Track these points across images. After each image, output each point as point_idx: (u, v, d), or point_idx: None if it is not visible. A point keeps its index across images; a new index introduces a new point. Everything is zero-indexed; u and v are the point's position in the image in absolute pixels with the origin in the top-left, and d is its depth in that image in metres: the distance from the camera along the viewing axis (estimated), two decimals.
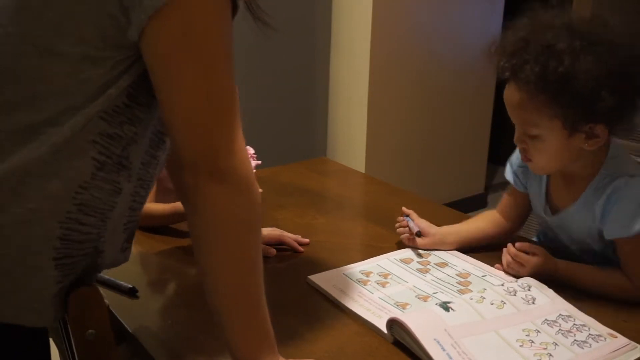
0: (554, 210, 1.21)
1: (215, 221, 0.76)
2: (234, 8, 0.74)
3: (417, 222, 1.27)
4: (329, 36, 2.98)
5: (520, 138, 1.11)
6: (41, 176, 0.73)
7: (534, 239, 1.36)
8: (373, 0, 2.77)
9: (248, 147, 1.56)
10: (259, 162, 1.50)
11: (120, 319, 0.98)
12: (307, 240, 1.29)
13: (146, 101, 0.77)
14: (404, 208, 1.31)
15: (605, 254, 1.16)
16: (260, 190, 0.81)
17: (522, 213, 1.30)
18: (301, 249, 1.26)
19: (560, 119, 1.05)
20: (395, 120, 3.01)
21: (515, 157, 1.27)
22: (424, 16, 2.97)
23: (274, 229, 1.28)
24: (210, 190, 0.74)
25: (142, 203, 0.87)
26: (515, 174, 1.27)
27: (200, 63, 0.72)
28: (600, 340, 0.94)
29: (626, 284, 1.09)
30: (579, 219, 1.15)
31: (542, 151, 1.10)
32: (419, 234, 1.25)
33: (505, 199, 1.32)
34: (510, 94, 1.09)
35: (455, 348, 0.89)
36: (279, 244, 1.25)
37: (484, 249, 1.26)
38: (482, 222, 1.31)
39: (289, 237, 1.27)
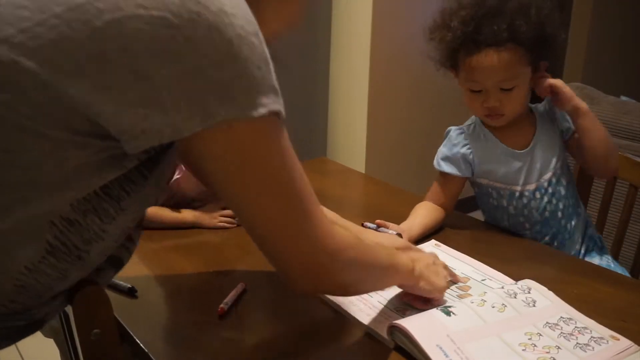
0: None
1: (344, 276, 0.82)
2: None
3: (387, 227, 1.28)
4: (329, 36, 2.97)
5: (495, 98, 1.25)
6: None
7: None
8: (373, 0, 2.77)
9: None
10: None
11: (119, 319, 0.97)
12: None
13: (116, 195, 0.70)
14: (366, 223, 1.31)
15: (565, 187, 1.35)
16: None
17: (455, 197, 1.42)
18: None
19: (531, 64, 1.24)
20: (396, 120, 3.01)
21: (449, 147, 1.40)
22: (424, 16, 2.97)
23: None
24: (321, 284, 0.80)
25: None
26: (463, 157, 1.38)
27: (262, 183, 0.71)
28: (603, 342, 0.94)
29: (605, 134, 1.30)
30: (547, 136, 1.34)
31: (515, 99, 1.26)
32: (400, 236, 1.25)
33: (436, 189, 1.42)
34: (489, 58, 1.21)
35: (458, 354, 0.88)
36: None
37: (481, 250, 1.26)
38: (428, 211, 1.37)
39: None
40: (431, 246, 1.27)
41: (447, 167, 1.40)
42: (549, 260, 1.17)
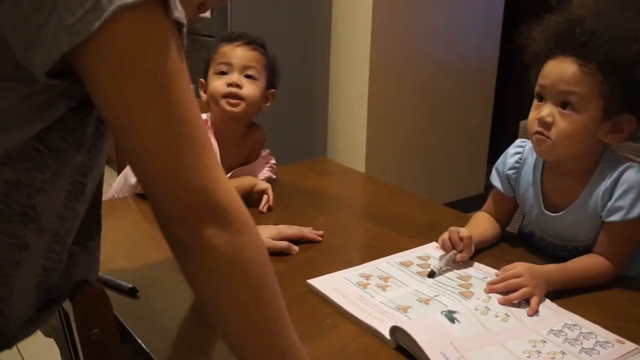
0: (552, 210, 1.23)
1: (220, 270, 0.66)
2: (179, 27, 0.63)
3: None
4: (329, 36, 2.97)
5: (549, 110, 1.12)
6: None
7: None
8: (373, 0, 2.77)
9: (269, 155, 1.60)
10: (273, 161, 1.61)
11: (120, 319, 0.97)
12: (321, 232, 1.31)
13: (56, 146, 0.67)
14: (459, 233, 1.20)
15: (589, 248, 1.20)
16: None
17: (510, 213, 1.34)
18: (319, 238, 1.29)
19: (604, 100, 1.10)
20: (395, 120, 3.01)
21: (502, 162, 1.30)
22: (424, 16, 2.97)
23: (290, 226, 1.28)
24: (207, 236, 0.64)
25: (61, 261, 0.74)
26: (507, 178, 1.29)
27: (143, 100, 0.60)
28: (608, 346, 0.93)
29: (606, 266, 1.14)
30: (582, 213, 1.18)
31: (566, 123, 1.11)
32: (432, 275, 1.14)
33: (492, 201, 1.34)
34: (565, 65, 1.11)
35: None
36: (299, 240, 1.27)
37: (481, 250, 1.25)
38: (486, 224, 1.31)
39: (306, 230, 1.29)
40: (432, 248, 1.27)
41: (496, 181, 1.32)
42: (550, 260, 1.17)
